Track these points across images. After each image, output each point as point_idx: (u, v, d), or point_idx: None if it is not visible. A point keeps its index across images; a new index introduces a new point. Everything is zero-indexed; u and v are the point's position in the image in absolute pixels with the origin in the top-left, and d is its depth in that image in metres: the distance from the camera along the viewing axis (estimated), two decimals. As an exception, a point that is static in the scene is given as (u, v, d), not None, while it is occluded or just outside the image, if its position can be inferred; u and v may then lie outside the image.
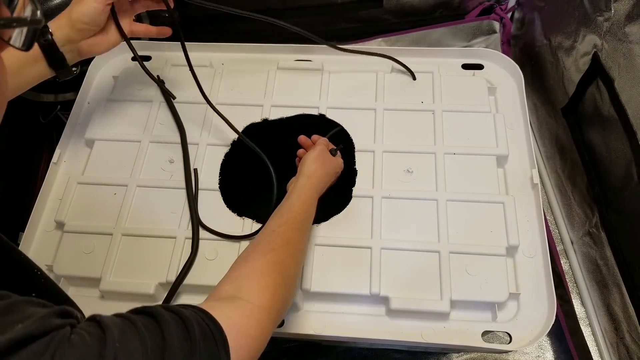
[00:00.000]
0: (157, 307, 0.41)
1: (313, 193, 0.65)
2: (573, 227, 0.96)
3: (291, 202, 0.63)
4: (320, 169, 0.68)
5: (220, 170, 0.78)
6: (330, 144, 0.75)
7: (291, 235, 0.59)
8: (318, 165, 0.68)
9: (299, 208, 0.62)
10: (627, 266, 0.78)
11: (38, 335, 0.31)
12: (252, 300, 0.48)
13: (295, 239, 0.59)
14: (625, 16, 0.73)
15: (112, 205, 0.75)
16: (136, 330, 0.36)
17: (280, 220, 0.60)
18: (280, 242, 0.57)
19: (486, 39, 1.22)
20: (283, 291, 0.52)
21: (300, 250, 0.60)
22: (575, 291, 0.93)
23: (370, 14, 1.21)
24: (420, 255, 0.69)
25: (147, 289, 0.68)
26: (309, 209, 0.64)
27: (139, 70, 0.91)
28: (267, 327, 0.48)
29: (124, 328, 0.36)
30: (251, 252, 0.56)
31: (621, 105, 0.75)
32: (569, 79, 0.91)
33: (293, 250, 0.58)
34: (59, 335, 0.32)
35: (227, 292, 0.49)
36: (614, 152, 0.79)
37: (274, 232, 0.58)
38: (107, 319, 0.37)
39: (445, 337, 0.66)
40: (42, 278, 0.47)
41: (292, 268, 0.56)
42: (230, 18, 1.21)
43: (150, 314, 0.40)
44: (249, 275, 0.52)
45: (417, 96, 0.84)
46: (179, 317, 0.40)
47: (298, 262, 0.59)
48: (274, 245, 0.56)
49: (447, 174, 0.76)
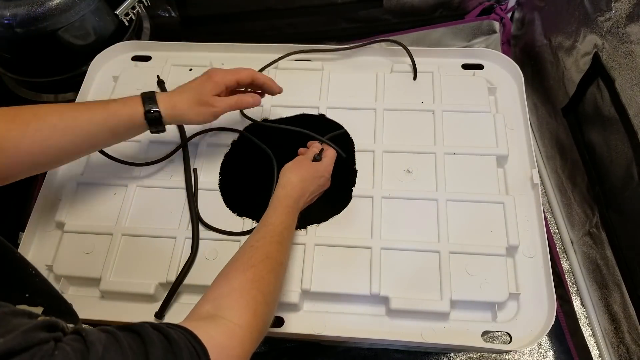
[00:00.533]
0: (145, 325, 0.40)
1: (289, 202, 0.64)
2: (573, 227, 0.96)
3: (268, 215, 0.62)
4: (296, 176, 0.66)
5: (220, 170, 0.78)
6: (330, 147, 0.74)
7: (270, 249, 0.57)
8: (293, 173, 0.67)
9: (276, 220, 0.61)
10: (627, 266, 0.78)
11: (19, 350, 0.30)
12: (234, 320, 0.48)
13: (274, 252, 0.58)
14: (626, 16, 0.73)
15: (112, 205, 0.75)
16: (120, 349, 0.36)
17: (258, 234, 0.59)
18: (259, 257, 0.56)
19: (486, 39, 1.22)
20: (264, 309, 0.52)
21: (280, 263, 0.59)
22: (575, 291, 0.93)
23: (371, 14, 1.21)
24: (420, 255, 0.69)
25: (147, 289, 0.68)
26: (287, 219, 0.62)
27: (139, 70, 0.91)
28: (249, 346, 0.48)
29: (108, 346, 0.35)
30: (230, 269, 0.55)
31: (622, 105, 0.75)
32: (570, 78, 0.91)
33: (273, 265, 0.56)
34: (41, 352, 0.31)
35: (208, 312, 0.49)
36: (615, 152, 0.79)
37: (252, 247, 0.57)
38: (93, 335, 0.36)
39: (445, 337, 0.66)
40: (37, 277, 0.47)
41: (272, 284, 0.55)
42: (230, 18, 1.21)
43: (138, 332, 0.39)
44: (229, 294, 0.51)
45: (417, 96, 0.84)
46: (166, 338, 0.40)
47: (278, 277, 0.58)
48: (252, 261, 0.55)
49: (447, 174, 0.76)
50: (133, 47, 0.94)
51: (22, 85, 1.03)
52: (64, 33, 0.91)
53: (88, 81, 0.89)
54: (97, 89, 0.90)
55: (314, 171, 0.69)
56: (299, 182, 0.66)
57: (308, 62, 0.90)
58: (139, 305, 0.69)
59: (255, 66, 0.90)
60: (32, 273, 0.46)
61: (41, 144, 0.58)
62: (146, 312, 0.68)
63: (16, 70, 1.00)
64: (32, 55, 0.96)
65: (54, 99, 1.02)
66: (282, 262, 0.59)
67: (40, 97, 1.02)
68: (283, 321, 0.67)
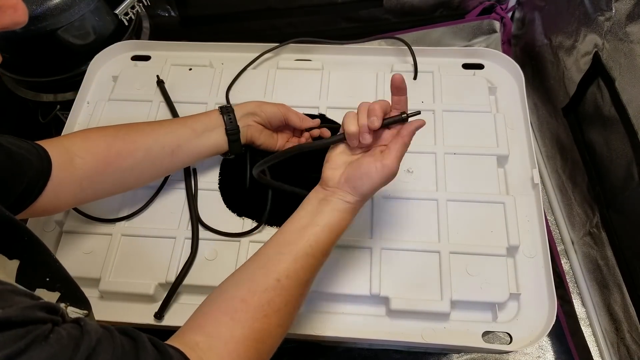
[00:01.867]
0: (143, 335, 0.40)
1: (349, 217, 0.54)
2: (574, 227, 0.96)
3: (317, 237, 0.50)
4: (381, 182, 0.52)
5: (220, 170, 0.78)
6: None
7: (296, 292, 0.47)
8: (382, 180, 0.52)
9: (325, 246, 0.50)
10: (627, 266, 0.78)
11: (16, 323, 0.30)
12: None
13: (299, 296, 0.48)
14: (627, 16, 0.73)
15: (111, 205, 0.75)
16: (112, 344, 0.36)
17: (295, 264, 0.48)
18: (279, 302, 0.46)
19: (486, 38, 1.22)
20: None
21: (294, 311, 0.48)
22: (576, 291, 0.93)
23: (371, 13, 1.21)
24: (421, 256, 0.69)
25: (146, 289, 0.68)
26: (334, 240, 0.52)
27: (138, 70, 0.91)
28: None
29: (102, 339, 0.36)
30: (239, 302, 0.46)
31: (622, 105, 0.75)
32: (570, 78, 0.91)
33: (287, 316, 0.47)
34: (38, 330, 0.32)
35: (198, 345, 0.43)
36: (615, 152, 0.79)
37: (278, 282, 0.46)
38: (90, 325, 0.36)
39: (445, 337, 0.66)
40: (57, 262, 0.48)
41: (276, 342, 0.47)
42: (230, 18, 1.21)
43: (134, 338, 0.39)
44: (226, 343, 0.43)
45: (417, 96, 0.83)
46: (160, 353, 0.39)
47: (285, 329, 0.48)
48: (268, 310, 0.45)
49: (448, 174, 0.75)
50: (132, 47, 0.94)
51: (21, 85, 1.03)
52: (64, 33, 0.91)
53: (87, 81, 0.89)
54: (96, 88, 0.90)
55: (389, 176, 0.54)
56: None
57: (308, 62, 0.90)
58: (139, 305, 0.69)
59: (255, 66, 0.90)
60: (54, 258, 0.47)
61: (130, 144, 0.64)
62: (146, 313, 0.68)
63: (15, 70, 1.00)
64: (31, 55, 0.96)
65: (54, 98, 1.02)
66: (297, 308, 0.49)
67: (40, 97, 1.02)
68: (283, 321, 0.67)
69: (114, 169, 0.63)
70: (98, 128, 0.66)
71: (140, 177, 0.67)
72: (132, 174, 0.65)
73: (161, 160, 0.66)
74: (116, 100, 0.86)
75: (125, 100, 0.86)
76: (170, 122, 0.69)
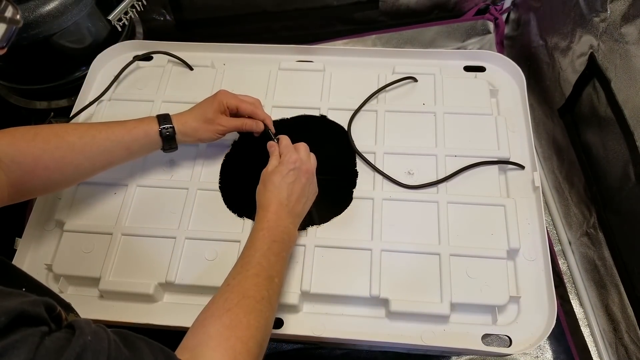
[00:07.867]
0: (140, 337, 0.41)
1: (263, 224, 0.61)
2: (571, 228, 0.96)
3: (246, 247, 0.59)
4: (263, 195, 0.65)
5: (220, 171, 0.78)
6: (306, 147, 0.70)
7: (246, 286, 0.54)
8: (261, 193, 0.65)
9: (251, 248, 0.58)
10: (625, 266, 0.78)
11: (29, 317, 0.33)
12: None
13: (251, 288, 0.54)
14: (622, 17, 0.74)
15: (112, 205, 0.75)
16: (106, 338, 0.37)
17: (234, 269, 0.56)
18: (235, 298, 0.52)
19: (481, 39, 1.23)
20: (244, 356, 0.49)
21: (261, 299, 0.53)
22: (574, 292, 0.93)
23: (366, 15, 1.21)
24: (421, 258, 0.69)
25: (146, 289, 0.67)
26: (263, 242, 0.59)
27: (139, 70, 0.90)
28: None
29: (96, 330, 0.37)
30: (207, 314, 0.52)
31: (618, 106, 0.76)
32: (566, 79, 0.92)
33: (251, 304, 0.52)
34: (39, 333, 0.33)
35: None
36: (611, 152, 0.79)
37: (228, 285, 0.54)
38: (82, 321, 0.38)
39: (445, 340, 0.66)
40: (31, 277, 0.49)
41: (252, 326, 0.51)
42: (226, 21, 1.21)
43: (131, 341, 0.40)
44: (206, 343, 0.48)
45: (418, 98, 0.83)
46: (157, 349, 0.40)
47: (261, 315, 0.53)
48: (228, 304, 0.51)
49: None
50: (134, 47, 0.94)
51: (14, 93, 1.01)
52: (57, 39, 0.90)
53: (89, 81, 0.89)
54: (98, 88, 0.89)
55: (278, 173, 0.66)
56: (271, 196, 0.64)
57: (310, 63, 0.89)
58: (138, 305, 0.69)
59: (256, 67, 0.90)
60: (28, 274, 0.49)
61: (59, 161, 0.61)
62: (145, 312, 0.68)
63: (8, 78, 0.98)
64: (24, 63, 0.94)
65: (47, 105, 1.00)
66: (263, 296, 0.54)
67: (34, 105, 1.00)
68: (282, 322, 0.66)
69: (43, 180, 0.62)
70: (26, 132, 0.61)
71: (75, 182, 0.70)
72: (63, 183, 0.67)
73: (92, 172, 0.67)
74: (117, 100, 0.86)
75: (127, 100, 0.86)
76: (106, 138, 0.65)
